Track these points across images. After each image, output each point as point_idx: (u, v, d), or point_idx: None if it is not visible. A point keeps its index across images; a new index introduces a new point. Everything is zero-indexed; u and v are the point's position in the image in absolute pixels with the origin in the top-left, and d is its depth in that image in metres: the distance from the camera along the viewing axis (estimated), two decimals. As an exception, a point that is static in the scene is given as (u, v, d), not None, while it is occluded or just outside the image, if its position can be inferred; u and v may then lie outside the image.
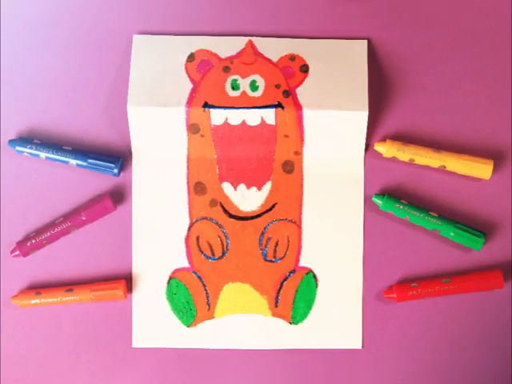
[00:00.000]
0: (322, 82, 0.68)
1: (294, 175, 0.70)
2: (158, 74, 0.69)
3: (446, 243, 0.70)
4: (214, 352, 0.70)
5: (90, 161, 0.68)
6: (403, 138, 0.70)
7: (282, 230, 0.70)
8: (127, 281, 0.70)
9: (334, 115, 0.67)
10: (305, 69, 0.69)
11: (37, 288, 0.70)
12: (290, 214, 0.70)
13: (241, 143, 0.69)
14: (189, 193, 0.70)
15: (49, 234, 0.69)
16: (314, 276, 0.70)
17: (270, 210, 0.70)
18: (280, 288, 0.70)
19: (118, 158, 0.69)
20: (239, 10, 0.71)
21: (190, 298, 0.70)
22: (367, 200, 0.70)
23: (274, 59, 0.69)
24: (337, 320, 0.70)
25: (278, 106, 0.68)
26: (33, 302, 0.69)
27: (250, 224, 0.70)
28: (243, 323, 0.70)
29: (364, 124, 0.68)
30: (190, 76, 0.69)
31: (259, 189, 0.70)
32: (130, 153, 0.70)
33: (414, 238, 0.70)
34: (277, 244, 0.70)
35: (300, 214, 0.70)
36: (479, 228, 0.70)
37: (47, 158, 0.69)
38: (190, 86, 0.69)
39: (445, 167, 0.69)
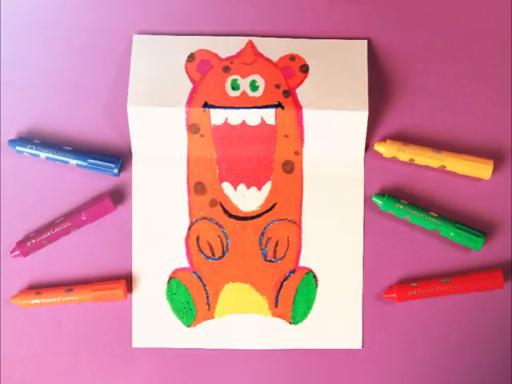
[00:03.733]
0: (322, 82, 0.68)
1: (294, 175, 0.70)
2: (158, 73, 0.69)
3: (446, 243, 0.70)
4: (214, 352, 0.70)
5: (90, 161, 0.69)
6: (403, 138, 0.70)
7: (282, 230, 0.70)
8: (127, 281, 0.70)
9: (334, 115, 0.67)
10: (305, 69, 0.69)
11: (37, 288, 0.70)
12: (290, 214, 0.70)
13: (241, 143, 0.69)
14: (189, 193, 0.70)
15: (49, 234, 0.69)
16: (314, 276, 0.70)
17: (270, 210, 0.70)
18: (280, 288, 0.70)
19: (118, 158, 0.69)
20: (239, 10, 0.71)
21: (190, 298, 0.70)
22: (367, 200, 0.70)
23: (274, 59, 0.69)
24: (337, 320, 0.70)
25: (278, 106, 0.68)
26: (33, 302, 0.69)
27: (250, 224, 0.70)
28: (243, 323, 0.70)
29: (364, 124, 0.68)
30: (190, 76, 0.69)
31: (259, 189, 0.70)
32: (129, 153, 0.70)
33: (414, 238, 0.70)
34: (277, 244, 0.70)
35: (300, 214, 0.70)
36: (479, 228, 0.70)
37: (47, 158, 0.69)
38: (190, 86, 0.69)
39: (445, 167, 0.69)
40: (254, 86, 0.68)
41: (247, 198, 0.70)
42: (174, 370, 0.71)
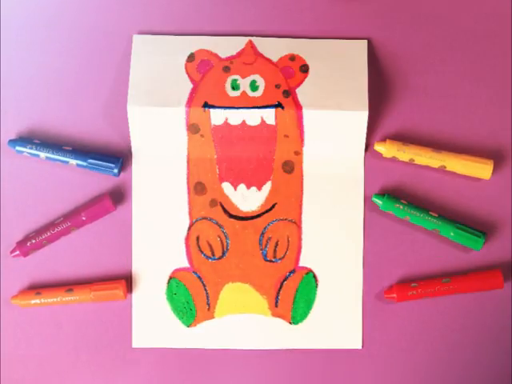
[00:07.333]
0: (322, 81, 0.68)
1: (294, 175, 0.70)
2: (158, 73, 0.69)
3: (446, 243, 0.70)
4: (213, 352, 0.70)
5: (90, 161, 0.69)
6: (403, 138, 0.70)
7: (282, 230, 0.70)
8: (127, 281, 0.70)
9: (334, 115, 0.67)
10: (305, 69, 0.69)
11: (37, 288, 0.70)
12: (290, 214, 0.70)
13: (241, 143, 0.69)
14: (189, 193, 0.70)
15: (49, 233, 0.69)
16: (314, 276, 0.70)
17: (270, 210, 0.70)
18: (280, 288, 0.70)
19: (118, 158, 0.69)
20: (239, 10, 0.71)
21: (190, 298, 0.70)
22: (367, 200, 0.70)
23: (274, 59, 0.69)
24: (337, 320, 0.70)
25: (278, 106, 0.68)
26: (33, 302, 0.69)
27: (250, 224, 0.70)
28: (243, 323, 0.70)
29: (364, 124, 0.68)
30: (190, 76, 0.69)
31: (259, 189, 0.70)
32: (130, 153, 0.70)
33: (414, 238, 0.70)
34: (277, 244, 0.70)
35: (300, 214, 0.70)
36: (479, 228, 0.70)
37: (47, 158, 0.69)
38: (190, 86, 0.69)
39: (445, 167, 0.69)
40: (254, 86, 0.68)
41: (247, 198, 0.70)
42: (173, 370, 0.71)
